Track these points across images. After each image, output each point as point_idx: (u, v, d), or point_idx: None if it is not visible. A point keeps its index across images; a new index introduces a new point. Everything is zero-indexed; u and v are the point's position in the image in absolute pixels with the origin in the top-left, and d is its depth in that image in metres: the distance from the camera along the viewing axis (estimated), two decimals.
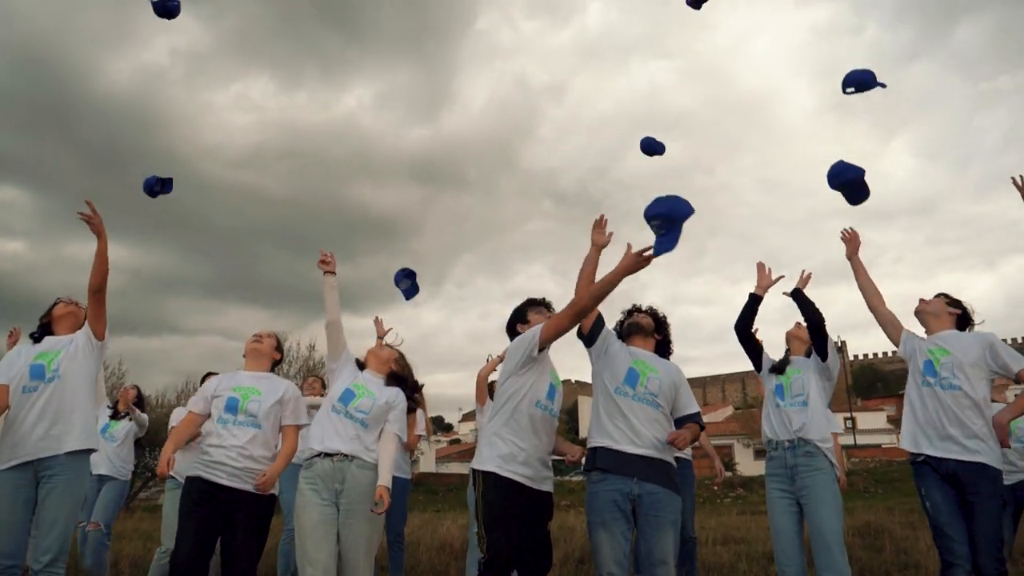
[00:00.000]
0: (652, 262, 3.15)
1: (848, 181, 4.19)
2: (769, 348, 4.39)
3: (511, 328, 3.71)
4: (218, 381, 3.88)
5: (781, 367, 4.20)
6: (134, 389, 6.16)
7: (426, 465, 37.69)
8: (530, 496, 3.29)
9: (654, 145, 5.73)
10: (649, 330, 3.72)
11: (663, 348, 3.78)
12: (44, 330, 3.89)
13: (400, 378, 3.94)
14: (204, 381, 5.75)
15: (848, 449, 35.00)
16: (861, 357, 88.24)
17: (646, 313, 3.82)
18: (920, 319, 3.97)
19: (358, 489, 3.52)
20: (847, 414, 41.05)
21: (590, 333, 3.62)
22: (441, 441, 51.52)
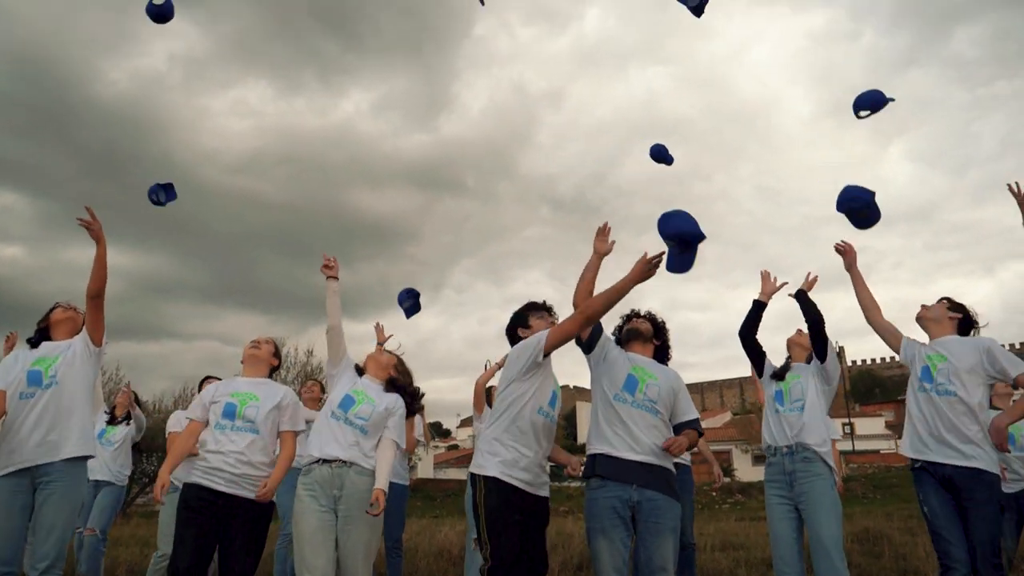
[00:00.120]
0: (659, 269, 3.17)
1: (859, 208, 4.16)
2: (770, 354, 4.41)
3: (511, 332, 3.68)
4: (215, 387, 3.87)
5: (781, 373, 4.22)
6: (132, 393, 6.13)
7: (424, 471, 37.60)
8: (529, 501, 3.28)
9: (663, 154, 5.80)
10: (648, 336, 3.71)
11: (662, 353, 3.77)
12: (41, 335, 3.88)
13: (401, 387, 3.93)
14: (203, 384, 5.75)
15: (846, 455, 34.97)
16: (859, 363, 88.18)
17: (645, 318, 3.81)
18: (921, 325, 3.98)
19: (356, 495, 3.51)
20: (845, 420, 41.03)
21: (588, 339, 3.60)
22: (439, 447, 51.42)
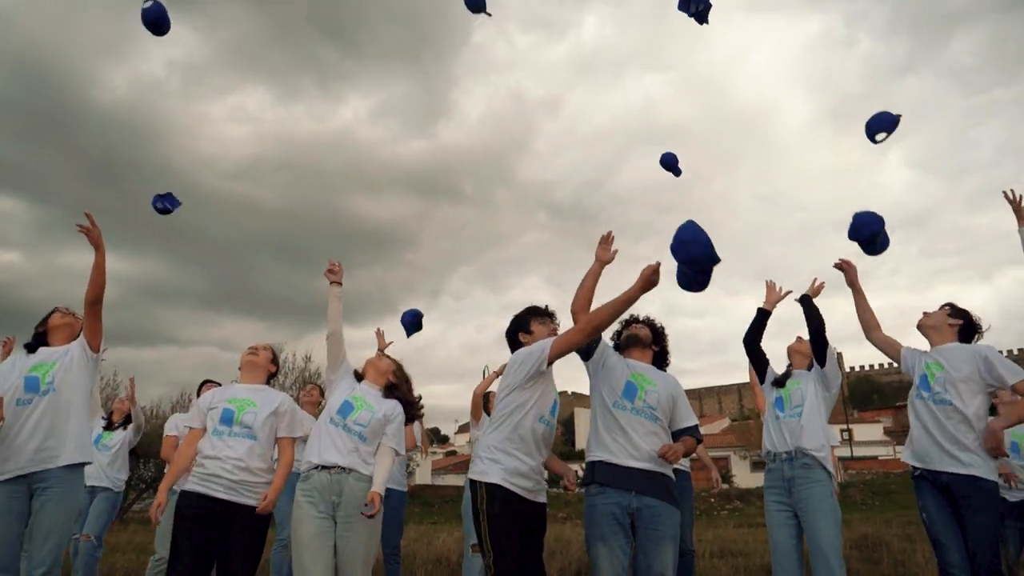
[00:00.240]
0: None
1: (869, 235, 4.23)
2: (771, 361, 4.46)
3: (512, 336, 3.65)
4: (213, 394, 3.86)
5: (782, 380, 4.25)
6: (128, 402, 6.12)
7: (422, 477, 37.53)
8: (528, 508, 3.27)
9: (672, 164, 5.86)
10: (647, 341, 3.71)
11: (661, 359, 3.77)
12: (39, 339, 3.87)
13: (404, 401, 3.92)
14: (202, 388, 5.74)
15: (845, 461, 34.95)
16: (858, 368, 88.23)
17: (643, 324, 3.80)
18: (923, 332, 3.98)
19: (355, 502, 3.50)
20: (843, 426, 41.00)
21: (587, 346, 3.58)
22: (437, 453, 51.32)
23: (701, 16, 4.91)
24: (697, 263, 3.30)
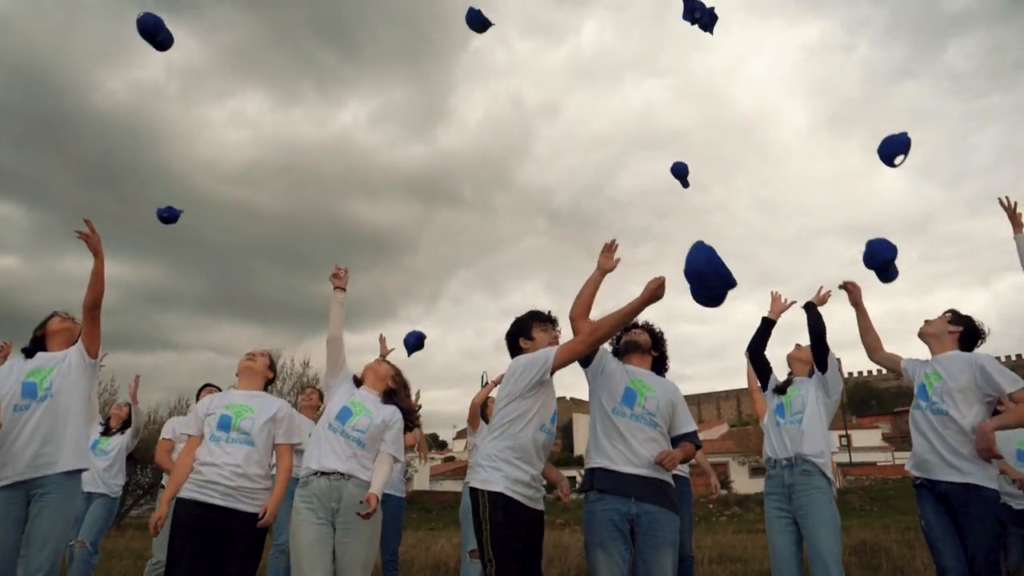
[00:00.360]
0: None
1: (884, 263, 4.30)
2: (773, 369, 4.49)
3: (512, 340, 3.61)
4: (210, 400, 3.84)
5: (783, 387, 4.27)
6: (127, 407, 6.11)
7: (420, 483, 37.48)
8: (529, 516, 3.26)
9: (682, 174, 5.91)
10: (646, 347, 3.70)
11: (660, 364, 3.76)
12: (37, 344, 3.85)
13: (403, 407, 3.91)
14: (201, 393, 5.73)
15: (843, 467, 34.92)
16: (856, 374, 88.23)
17: (642, 329, 3.80)
18: (923, 341, 3.97)
19: (354, 508, 3.49)
20: (842, 432, 41.00)
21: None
22: (435, 459, 51.23)
23: (707, 26, 4.97)
24: (712, 290, 3.34)
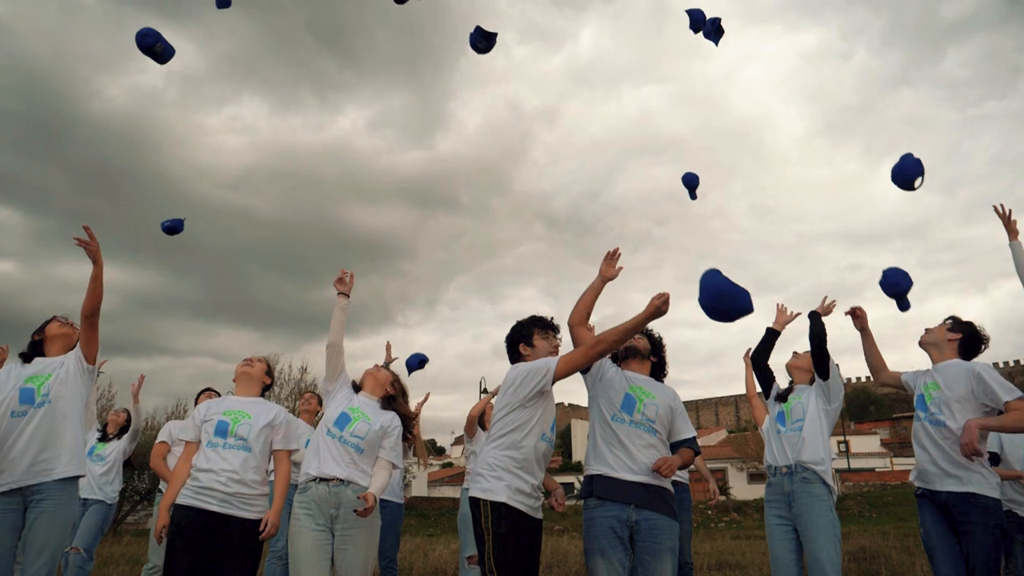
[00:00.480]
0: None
1: (903, 292, 4.34)
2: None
3: (512, 345, 3.57)
4: (207, 406, 3.83)
5: (784, 395, 4.27)
6: (124, 412, 6.09)
7: (418, 489, 37.39)
8: (530, 525, 3.24)
9: (692, 186, 5.98)
10: (645, 353, 3.68)
11: (658, 370, 3.75)
12: (35, 348, 3.82)
13: (401, 414, 3.90)
14: (200, 397, 5.72)
15: (842, 473, 34.92)
16: (854, 380, 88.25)
17: (641, 335, 3.79)
18: (924, 350, 3.96)
19: (353, 514, 3.47)
20: (840, 438, 40.98)
21: None
22: (433, 465, 51.12)
23: (713, 37, 5.05)
24: (728, 317, 3.42)
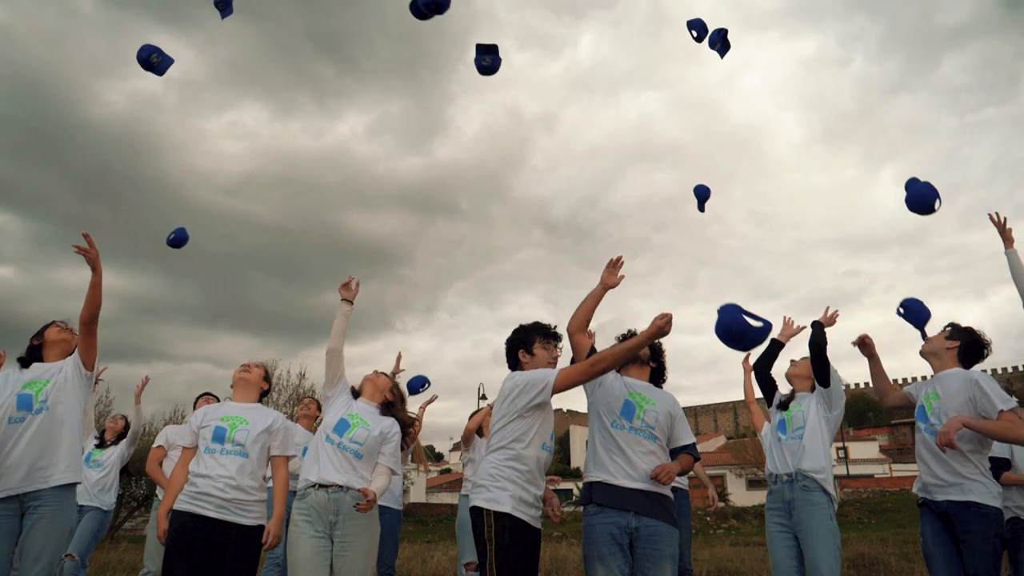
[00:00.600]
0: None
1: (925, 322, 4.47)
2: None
3: (512, 350, 3.54)
4: (204, 412, 3.83)
5: (785, 403, 4.27)
6: (122, 419, 6.08)
7: (416, 495, 37.31)
8: (531, 535, 3.23)
9: (703, 199, 6.03)
10: (645, 358, 3.67)
11: (658, 375, 3.74)
12: (33, 353, 3.80)
13: (400, 420, 3.90)
14: (198, 401, 5.71)
15: (841, 479, 34.86)
16: (853, 386, 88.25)
17: None
18: (926, 359, 3.96)
19: (353, 520, 3.47)
20: (839, 444, 40.97)
21: None
22: (431, 471, 51.05)
23: (720, 50, 5.18)
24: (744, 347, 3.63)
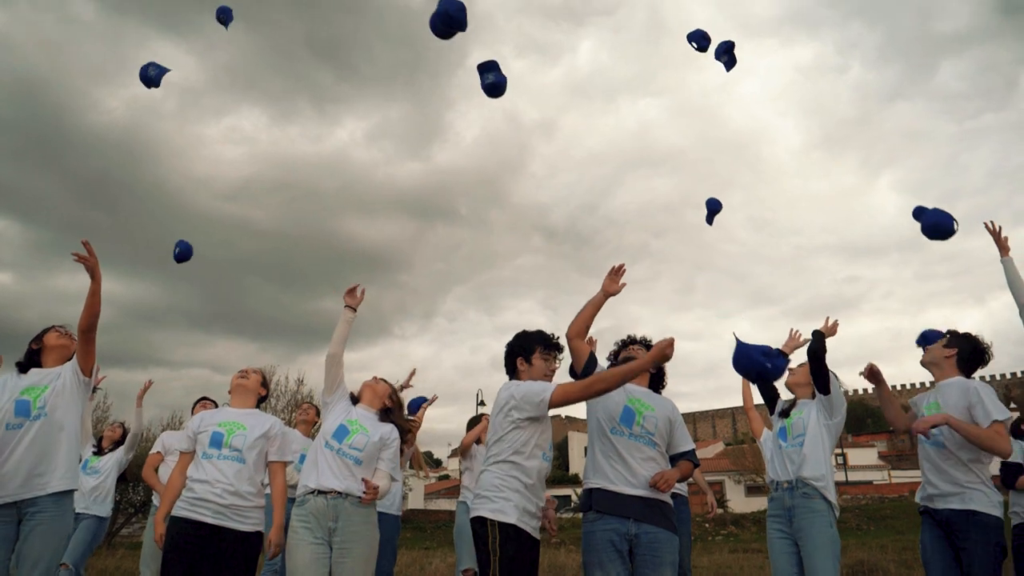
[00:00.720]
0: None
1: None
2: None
3: (511, 356, 3.49)
4: (201, 417, 3.83)
5: (787, 411, 4.24)
6: (120, 427, 6.06)
7: (414, 501, 37.22)
8: (532, 545, 3.21)
9: (713, 211, 6.08)
10: None
11: (657, 381, 3.73)
12: (32, 357, 3.78)
13: (399, 428, 3.89)
14: (196, 406, 5.70)
15: (839, 486, 34.68)
16: (851, 392, 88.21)
17: (640, 345, 3.77)
18: (927, 370, 3.95)
19: (352, 527, 3.46)
20: (838, 450, 40.92)
21: (583, 373, 3.54)
22: (430, 477, 50.93)
23: (728, 65, 5.31)
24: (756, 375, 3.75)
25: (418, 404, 6.25)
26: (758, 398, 4.54)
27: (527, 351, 3.43)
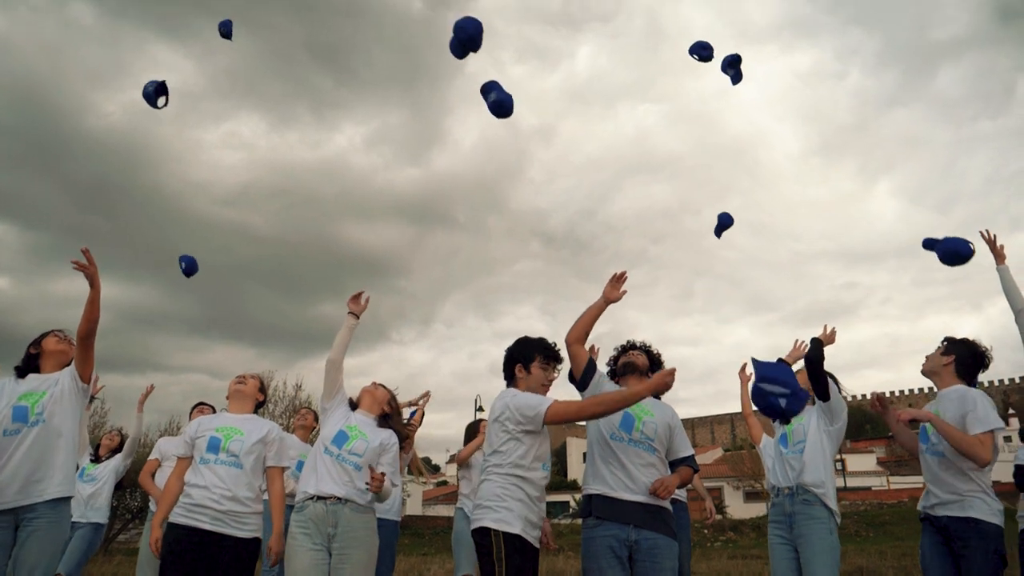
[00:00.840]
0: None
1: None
2: None
3: (509, 362, 3.48)
4: (199, 423, 3.82)
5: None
6: (118, 434, 6.04)
7: (412, 507, 37.14)
8: (534, 555, 3.20)
9: (723, 225, 6.13)
10: (644, 369, 3.66)
11: None
12: (30, 362, 3.76)
13: (398, 434, 3.88)
14: (193, 411, 5.69)
15: (838, 492, 34.66)
16: (850, 398, 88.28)
17: (640, 350, 3.77)
18: (928, 379, 3.95)
19: (352, 533, 3.45)
20: (837, 456, 40.90)
21: (582, 378, 3.55)
22: (428, 483, 50.82)
23: (735, 78, 5.47)
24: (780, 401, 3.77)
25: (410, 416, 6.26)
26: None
27: (527, 358, 3.43)
